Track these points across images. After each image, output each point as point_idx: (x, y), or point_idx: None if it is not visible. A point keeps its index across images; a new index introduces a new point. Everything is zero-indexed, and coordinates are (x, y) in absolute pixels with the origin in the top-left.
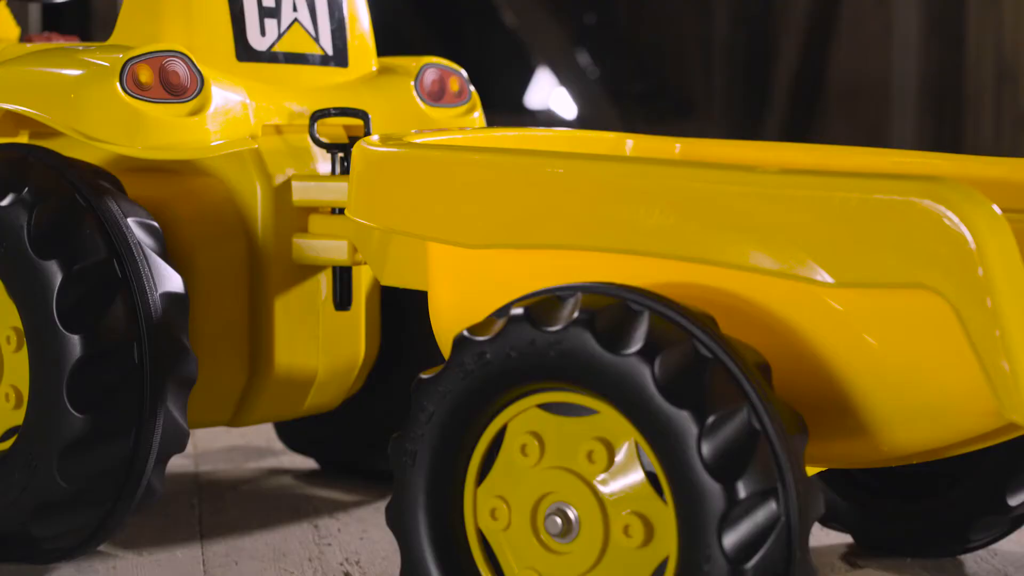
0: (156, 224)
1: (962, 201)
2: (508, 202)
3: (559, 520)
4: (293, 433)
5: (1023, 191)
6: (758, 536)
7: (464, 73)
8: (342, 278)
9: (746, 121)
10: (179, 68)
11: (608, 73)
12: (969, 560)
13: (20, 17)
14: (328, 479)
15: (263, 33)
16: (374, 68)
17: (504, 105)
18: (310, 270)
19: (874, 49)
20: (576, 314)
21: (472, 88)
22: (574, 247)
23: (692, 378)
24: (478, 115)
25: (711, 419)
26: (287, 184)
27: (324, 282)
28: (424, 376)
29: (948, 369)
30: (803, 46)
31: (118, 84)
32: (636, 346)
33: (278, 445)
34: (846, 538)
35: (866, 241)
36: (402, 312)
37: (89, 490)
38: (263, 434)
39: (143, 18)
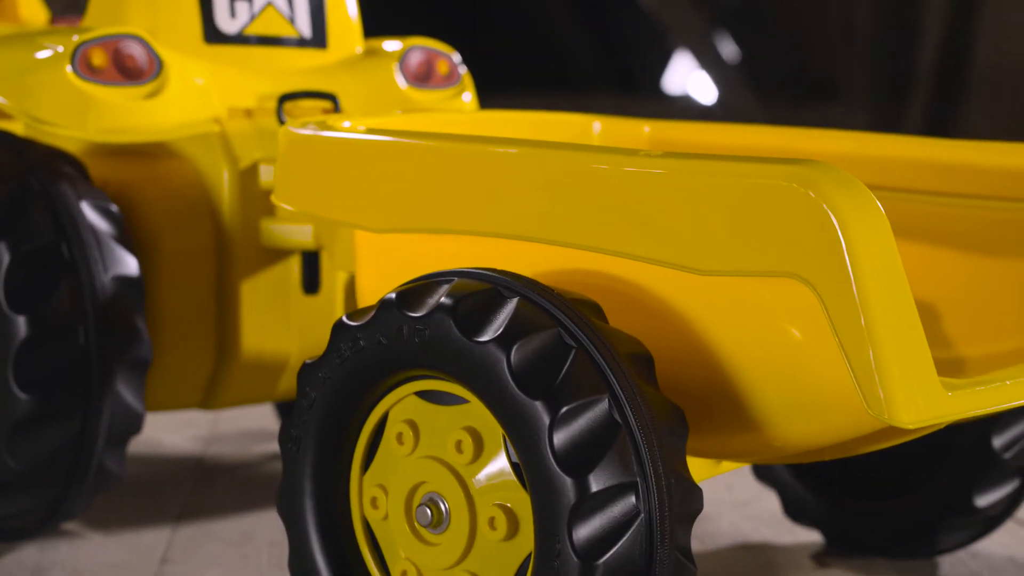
0: (114, 207)
1: (829, 184)
2: (406, 186)
3: (429, 511)
4: None
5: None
6: (612, 532)
7: (456, 56)
8: (309, 262)
9: (888, 107)
10: (135, 51)
11: (748, 57)
12: (945, 562)
13: None
14: None
15: (233, 15)
16: (358, 50)
17: (642, 89)
18: (279, 254)
19: (1019, 33)
20: (441, 300)
21: (464, 70)
22: (466, 232)
23: (548, 367)
24: (469, 97)
25: (564, 410)
26: (255, 167)
27: (295, 266)
28: (307, 361)
29: (832, 362)
30: (946, 31)
31: (69, 67)
32: (494, 333)
33: None
34: (816, 537)
35: (737, 228)
36: None
37: (38, 470)
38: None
39: (110, 1)
